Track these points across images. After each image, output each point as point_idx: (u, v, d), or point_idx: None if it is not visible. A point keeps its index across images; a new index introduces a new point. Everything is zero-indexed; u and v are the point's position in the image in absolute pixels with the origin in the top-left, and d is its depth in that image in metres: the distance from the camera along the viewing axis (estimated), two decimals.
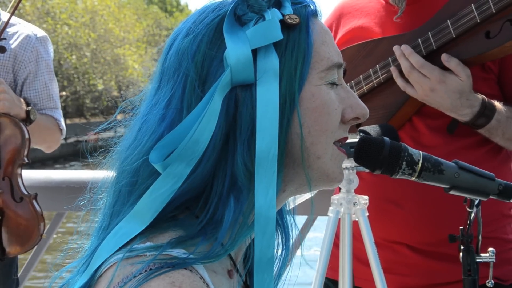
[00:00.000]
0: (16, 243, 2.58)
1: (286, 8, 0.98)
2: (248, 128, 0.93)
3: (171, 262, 0.87)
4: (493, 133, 1.93)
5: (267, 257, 0.91)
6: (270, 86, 0.94)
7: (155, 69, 1.01)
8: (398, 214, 2.00)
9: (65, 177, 3.12)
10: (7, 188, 2.57)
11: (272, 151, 0.92)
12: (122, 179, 0.97)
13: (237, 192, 0.93)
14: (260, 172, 0.92)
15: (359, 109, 1.02)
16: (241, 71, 0.94)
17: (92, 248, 0.95)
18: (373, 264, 1.89)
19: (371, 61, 2.04)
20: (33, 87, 2.80)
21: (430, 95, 1.89)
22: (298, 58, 0.96)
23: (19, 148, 2.58)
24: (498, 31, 1.81)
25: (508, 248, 2.01)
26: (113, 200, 0.98)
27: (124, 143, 1.00)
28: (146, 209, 0.91)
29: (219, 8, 0.98)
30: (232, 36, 0.95)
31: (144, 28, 45.00)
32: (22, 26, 2.84)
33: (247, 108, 0.94)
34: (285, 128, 0.95)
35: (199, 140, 0.91)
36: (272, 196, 0.92)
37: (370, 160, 1.16)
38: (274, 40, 0.95)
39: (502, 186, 1.29)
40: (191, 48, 0.96)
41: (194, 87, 0.94)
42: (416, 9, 2.00)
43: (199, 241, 0.91)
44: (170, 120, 0.94)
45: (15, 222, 2.56)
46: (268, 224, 0.91)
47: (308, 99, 0.97)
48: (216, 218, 0.93)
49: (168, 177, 0.91)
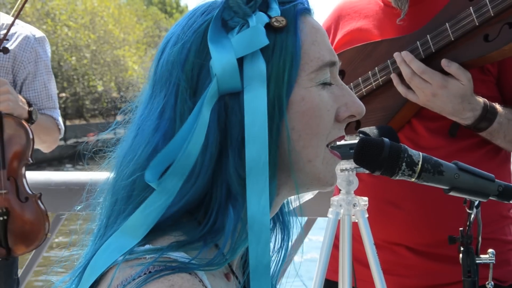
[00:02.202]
0: (21, 243, 2.59)
1: (273, 9, 0.96)
2: (238, 136, 0.92)
3: (171, 265, 0.87)
4: (494, 136, 1.94)
5: (263, 264, 0.90)
6: (257, 92, 0.92)
7: (149, 74, 1.01)
8: (398, 215, 2.00)
9: (64, 179, 3.13)
10: (13, 188, 2.58)
11: (262, 158, 0.91)
12: (118, 190, 0.96)
13: (233, 200, 0.93)
14: (251, 179, 0.91)
15: (354, 107, 1.00)
16: (228, 80, 0.92)
17: (87, 258, 0.95)
18: (373, 265, 1.89)
19: (370, 63, 2.04)
20: (33, 87, 2.81)
21: (432, 100, 1.89)
22: (285, 61, 0.94)
23: (24, 148, 2.59)
24: (496, 34, 1.81)
25: (507, 249, 2.01)
26: (109, 210, 0.97)
27: (121, 149, 0.99)
28: (139, 224, 0.90)
29: (207, 12, 0.97)
30: (217, 45, 0.93)
31: (144, 29, 45.01)
32: (20, 27, 2.85)
33: (236, 116, 0.93)
34: (275, 133, 0.94)
35: (190, 153, 0.91)
36: (265, 203, 0.91)
37: (370, 161, 1.16)
38: (259, 47, 0.93)
39: (502, 187, 1.29)
40: (180, 57, 0.95)
41: (185, 97, 0.94)
42: (415, 11, 2.01)
43: (199, 247, 0.91)
44: (164, 130, 0.94)
45: (20, 222, 2.58)
46: (262, 231, 0.90)
47: (298, 103, 0.95)
48: (216, 227, 0.92)
49: (161, 192, 0.91)
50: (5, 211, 2.56)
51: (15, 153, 2.59)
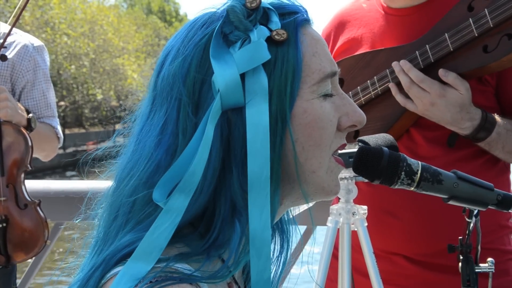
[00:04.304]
0: (21, 250, 2.58)
1: (273, 23, 0.96)
2: (241, 151, 0.92)
3: (174, 276, 0.87)
4: (493, 146, 1.93)
5: (263, 280, 0.90)
6: (259, 107, 0.92)
7: (148, 86, 1.00)
8: (395, 225, 2.00)
9: (64, 187, 3.12)
10: (12, 195, 2.57)
11: (264, 173, 0.91)
12: (118, 205, 0.95)
13: (239, 215, 0.92)
14: (253, 194, 0.91)
15: (355, 117, 1.00)
16: (231, 96, 0.92)
17: (84, 272, 0.94)
18: (372, 273, 1.89)
19: (368, 72, 2.05)
20: (31, 96, 2.82)
21: (431, 109, 1.89)
22: (287, 74, 0.94)
23: (23, 155, 2.59)
24: (495, 45, 1.81)
25: (506, 259, 2.01)
26: (107, 223, 0.97)
27: (121, 162, 0.99)
28: (150, 248, 0.89)
29: (207, 25, 0.96)
30: (219, 61, 0.93)
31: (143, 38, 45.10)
32: (18, 35, 2.86)
33: (239, 131, 0.92)
34: (279, 146, 0.94)
35: (195, 171, 0.90)
36: (266, 217, 0.91)
37: (369, 170, 1.16)
38: (261, 61, 0.93)
39: (501, 196, 1.29)
40: (181, 72, 0.94)
41: (187, 112, 0.93)
42: (415, 19, 2.01)
43: (202, 259, 0.91)
44: (167, 146, 0.93)
45: (20, 229, 2.57)
46: (263, 246, 0.90)
47: (301, 115, 0.95)
48: (220, 240, 0.92)
49: (169, 211, 0.90)
50: (4, 218, 2.55)
51: (14, 160, 2.59)
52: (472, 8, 1.86)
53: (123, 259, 0.91)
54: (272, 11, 0.97)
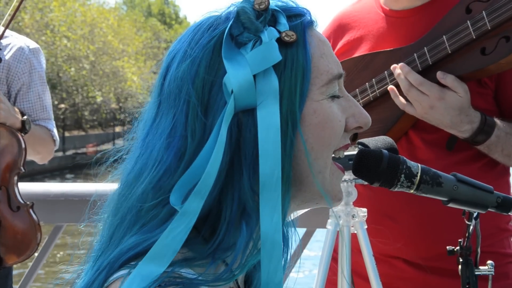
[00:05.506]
0: (13, 253, 2.56)
1: (281, 24, 0.96)
2: (253, 152, 0.92)
3: (176, 281, 0.87)
4: (492, 149, 1.93)
5: (274, 283, 0.90)
6: (270, 108, 0.93)
7: (153, 90, 1.00)
8: (394, 228, 1.99)
9: (63, 190, 3.12)
10: (4, 197, 2.56)
11: (275, 174, 0.91)
12: (125, 208, 0.95)
13: (247, 217, 0.92)
14: (264, 196, 0.90)
15: (361, 118, 1.02)
16: (244, 97, 0.92)
17: (89, 276, 0.93)
18: (372, 276, 1.89)
19: (367, 74, 2.05)
20: (27, 98, 2.81)
21: (430, 112, 1.89)
22: (297, 75, 0.95)
23: (16, 157, 2.58)
24: (493, 47, 1.81)
25: (505, 262, 2.01)
26: (112, 227, 0.96)
27: (127, 167, 0.98)
28: (165, 250, 0.89)
29: (214, 27, 0.97)
30: (232, 62, 0.93)
31: (143, 40, 45.14)
32: (14, 38, 2.85)
33: (250, 133, 0.92)
34: (289, 147, 0.94)
35: (210, 173, 0.90)
36: (277, 219, 0.90)
37: (368, 173, 1.16)
38: (273, 62, 0.93)
39: (501, 199, 1.29)
40: (190, 74, 0.94)
41: (197, 113, 0.93)
42: (415, 21, 2.01)
43: (207, 264, 0.90)
44: (176, 149, 0.93)
45: (12, 231, 2.56)
46: (275, 248, 0.90)
47: (310, 116, 0.96)
48: (225, 244, 0.92)
49: (184, 215, 0.90)
50: None
51: (7, 163, 2.58)
52: (470, 10, 1.86)
53: (128, 262, 0.91)
54: (279, 13, 0.98)
